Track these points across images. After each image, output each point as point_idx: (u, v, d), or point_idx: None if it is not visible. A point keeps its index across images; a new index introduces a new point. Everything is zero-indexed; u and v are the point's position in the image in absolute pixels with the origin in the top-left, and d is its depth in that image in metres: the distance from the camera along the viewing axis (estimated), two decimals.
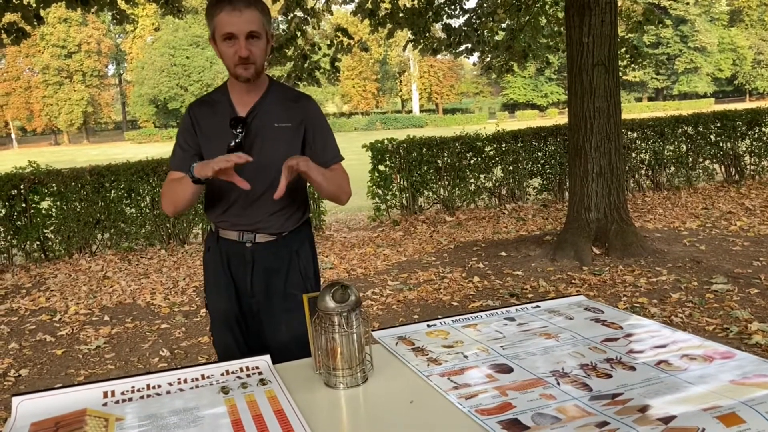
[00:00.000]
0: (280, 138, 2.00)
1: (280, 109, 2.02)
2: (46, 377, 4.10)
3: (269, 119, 2.00)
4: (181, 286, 6.04)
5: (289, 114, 2.02)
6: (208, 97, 2.11)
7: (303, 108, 2.05)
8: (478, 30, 8.99)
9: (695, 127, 9.76)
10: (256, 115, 1.99)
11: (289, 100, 2.06)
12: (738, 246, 5.91)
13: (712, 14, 52.73)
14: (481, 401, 1.30)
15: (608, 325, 1.73)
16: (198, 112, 2.07)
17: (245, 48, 1.86)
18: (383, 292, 5.38)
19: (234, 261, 2.04)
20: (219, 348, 2.16)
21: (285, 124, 2.00)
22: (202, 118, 2.05)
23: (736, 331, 3.85)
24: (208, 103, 2.08)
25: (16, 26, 6.48)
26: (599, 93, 5.77)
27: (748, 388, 1.27)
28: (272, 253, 2.04)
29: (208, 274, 2.14)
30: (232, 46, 1.87)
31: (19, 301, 5.94)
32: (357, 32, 22.28)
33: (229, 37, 1.86)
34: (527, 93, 57.33)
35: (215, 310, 2.12)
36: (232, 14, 1.83)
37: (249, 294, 2.05)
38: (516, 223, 8.02)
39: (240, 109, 2.00)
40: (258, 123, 1.99)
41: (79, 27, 51.02)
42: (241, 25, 1.84)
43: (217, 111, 2.03)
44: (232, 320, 2.06)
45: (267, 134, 1.98)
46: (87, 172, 7.67)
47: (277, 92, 2.05)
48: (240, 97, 2.01)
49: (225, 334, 2.10)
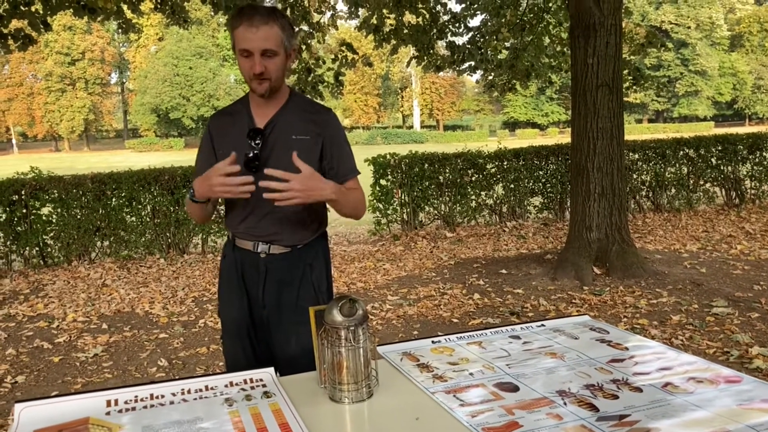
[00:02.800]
0: (297, 150, 1.96)
1: (298, 122, 2.01)
2: (43, 384, 4.07)
3: (287, 131, 1.98)
4: (180, 296, 6.02)
5: (307, 126, 2.00)
6: (229, 108, 2.12)
7: (322, 121, 2.03)
8: (482, 48, 9.06)
9: (696, 149, 9.78)
10: (274, 126, 1.99)
11: (309, 112, 2.04)
12: (738, 270, 5.91)
13: (713, 39, 53.12)
14: (488, 419, 1.29)
15: (614, 345, 1.73)
16: (216, 123, 2.08)
17: (259, 65, 1.86)
18: (383, 306, 5.37)
19: (248, 270, 2.04)
20: (228, 356, 2.15)
21: (303, 137, 1.98)
22: (219, 129, 2.06)
23: (737, 355, 3.84)
24: (228, 114, 2.09)
25: (23, 32, 6.52)
26: (603, 113, 5.80)
27: (755, 413, 1.27)
28: (286, 265, 2.03)
29: (222, 281, 2.14)
30: (248, 61, 1.88)
31: (17, 307, 5.91)
32: (360, 47, 22.41)
33: (245, 54, 1.87)
34: (528, 112, 57.54)
35: (227, 318, 2.11)
36: (249, 30, 1.84)
37: (260, 305, 2.04)
38: (516, 240, 8.02)
39: (259, 121, 2.00)
40: (276, 135, 1.98)
41: (83, 35, 51.21)
42: (257, 42, 1.84)
43: (235, 122, 2.03)
44: (243, 329, 2.06)
45: (284, 146, 1.96)
46: (88, 179, 7.66)
47: (296, 104, 2.04)
48: (259, 108, 2.01)
49: (235, 342, 2.09)
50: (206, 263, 7.46)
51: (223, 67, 53.40)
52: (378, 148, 5.30)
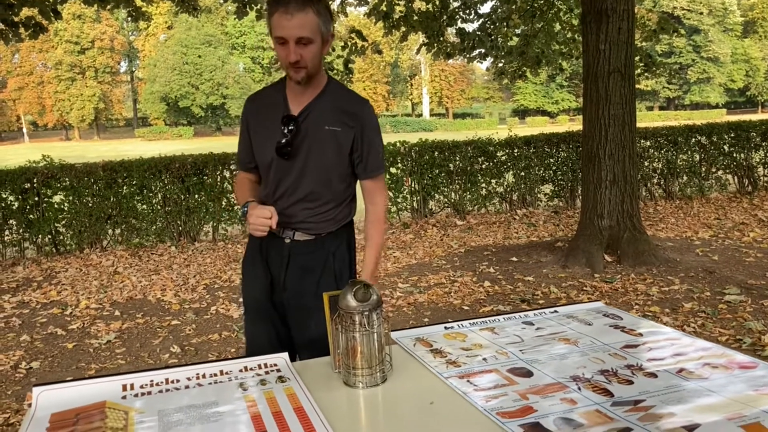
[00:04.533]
0: (329, 141, 1.96)
1: (333, 112, 1.97)
2: (57, 370, 4.11)
3: (321, 121, 1.96)
4: (192, 284, 6.05)
5: (341, 118, 1.97)
6: (264, 92, 2.11)
7: (357, 113, 2.00)
8: (492, 35, 8.99)
9: (709, 137, 9.71)
10: (308, 115, 1.96)
11: (345, 103, 2.00)
12: (751, 257, 5.87)
13: (726, 25, 52.52)
14: (502, 404, 1.29)
15: (627, 331, 1.72)
16: (252, 107, 2.08)
17: (294, 53, 1.83)
18: (393, 294, 5.37)
19: (272, 254, 2.04)
20: (248, 336, 2.16)
21: (335, 128, 1.96)
22: (255, 114, 2.06)
23: (750, 342, 3.82)
24: (264, 98, 2.08)
25: (34, 21, 6.54)
26: (615, 100, 5.75)
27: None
28: (309, 252, 2.03)
29: (246, 261, 2.14)
30: (284, 49, 1.85)
31: (30, 294, 5.96)
32: (370, 35, 22.32)
33: (281, 41, 1.84)
34: (538, 99, 57.23)
35: (249, 298, 2.12)
36: (283, 17, 1.80)
37: (282, 288, 2.04)
38: (527, 228, 8.00)
39: (294, 108, 1.98)
40: (308, 124, 1.96)
41: (92, 23, 51.29)
42: (291, 30, 1.81)
43: (270, 107, 2.01)
44: (264, 311, 2.07)
45: (316, 136, 1.95)
46: (100, 168, 7.69)
47: (333, 94, 2.01)
48: (295, 94, 1.99)
49: (256, 323, 2.11)
50: (217, 251, 7.49)
51: (231, 56, 53.40)
52: (387, 137, 5.36)
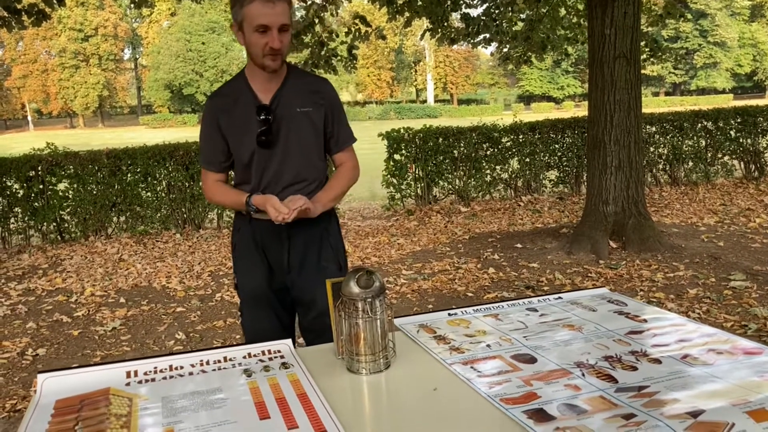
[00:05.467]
0: (303, 123, 2.03)
1: (300, 95, 2.05)
2: (63, 357, 4.14)
3: (291, 105, 2.02)
4: (197, 271, 6.07)
5: (309, 98, 2.05)
6: (227, 89, 2.11)
7: (322, 91, 2.09)
8: (497, 20, 8.92)
9: (715, 122, 9.64)
10: (279, 102, 2.01)
11: (308, 84, 2.09)
12: (757, 243, 5.85)
13: (733, 9, 52.03)
14: (506, 390, 1.29)
15: (632, 317, 1.71)
16: (218, 104, 2.07)
17: (278, 40, 1.87)
18: (398, 281, 5.38)
19: (268, 240, 2.06)
20: (246, 328, 2.17)
21: (306, 109, 2.04)
22: (224, 112, 2.05)
23: (755, 328, 3.81)
24: (228, 95, 2.08)
25: (37, 8, 6.51)
26: (620, 85, 5.71)
27: None
28: (307, 227, 2.07)
29: (238, 255, 2.15)
30: (264, 37, 1.87)
31: (36, 281, 5.99)
32: (374, 20, 22.17)
33: (262, 29, 1.86)
34: (543, 85, 56.93)
35: (246, 290, 2.13)
36: (266, 5, 1.83)
37: (285, 270, 2.07)
38: (532, 215, 7.98)
39: (262, 97, 2.02)
40: (281, 110, 2.01)
41: (96, 11, 51.18)
42: (275, 17, 1.85)
43: (238, 101, 2.03)
44: (263, 300, 2.08)
45: (291, 120, 2.02)
46: (104, 155, 7.70)
47: (296, 78, 2.08)
48: (261, 85, 2.02)
49: (255, 313, 2.12)
50: (222, 238, 7.50)
51: (235, 42, 53.14)
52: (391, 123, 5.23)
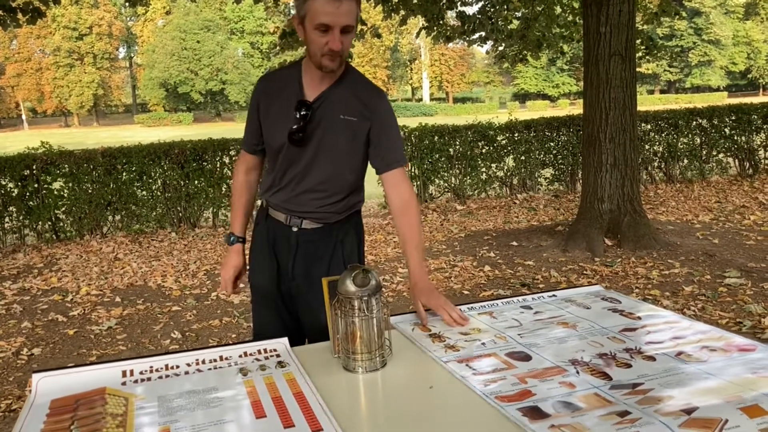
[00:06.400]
0: (342, 131, 1.90)
1: (349, 101, 1.91)
2: (59, 356, 4.13)
3: (336, 109, 1.90)
4: (192, 269, 6.06)
5: (357, 107, 1.91)
6: (278, 74, 2.03)
7: (373, 104, 1.94)
8: (493, 18, 8.92)
9: (710, 119, 9.67)
10: (323, 102, 1.90)
11: (361, 92, 1.94)
12: (752, 240, 5.87)
13: (727, 7, 52.16)
14: (501, 388, 1.30)
15: (626, 315, 1.72)
16: (265, 88, 1.99)
17: (338, 41, 1.75)
18: (394, 279, 5.38)
19: (279, 241, 2.00)
20: (256, 322, 2.15)
21: (351, 118, 1.90)
22: (267, 97, 1.97)
23: (750, 325, 3.83)
24: (278, 81, 1.99)
25: (32, 6, 6.49)
26: (615, 83, 5.73)
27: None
28: (317, 239, 1.98)
29: (254, 248, 2.10)
30: (324, 36, 1.76)
31: (31, 280, 5.98)
32: (369, 18, 22.19)
33: (323, 29, 1.75)
34: (538, 83, 56.98)
35: (256, 285, 2.09)
36: (331, 4, 1.71)
37: (290, 276, 2.00)
38: (527, 213, 8.00)
39: (309, 94, 1.90)
40: (323, 112, 1.89)
41: (90, 9, 50.99)
42: (339, 17, 1.72)
43: (284, 91, 1.94)
44: (271, 298, 2.04)
45: (330, 125, 1.89)
46: (99, 154, 7.68)
47: (350, 82, 1.94)
48: (312, 80, 1.91)
49: (264, 310, 2.09)
50: (217, 237, 7.50)
51: (230, 41, 53.09)
52: None
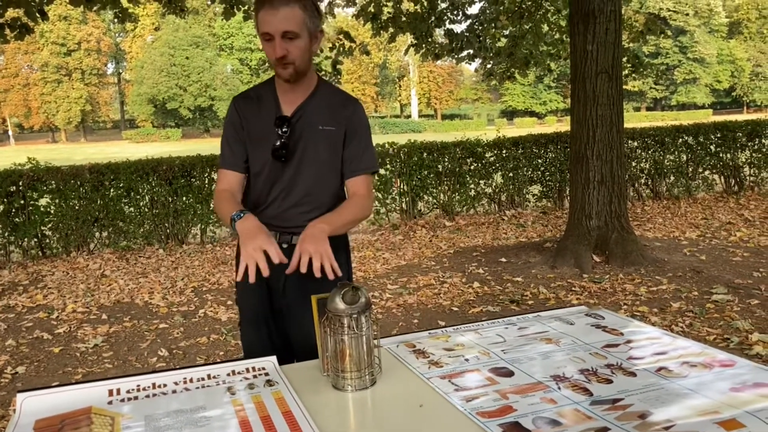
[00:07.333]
0: (322, 141, 1.95)
1: (326, 111, 1.97)
2: (44, 375, 4.09)
3: (314, 121, 1.95)
4: (180, 286, 6.03)
5: (335, 117, 1.96)
6: (254, 92, 2.05)
7: (348, 111, 1.99)
8: (481, 36, 9.03)
9: (696, 137, 9.79)
10: (301, 115, 1.94)
11: (337, 102, 2.00)
12: (738, 257, 5.93)
13: (712, 26, 52.95)
14: (482, 404, 1.31)
15: (609, 331, 1.74)
16: (244, 107, 2.01)
17: (280, 48, 1.81)
18: (383, 295, 5.39)
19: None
20: (245, 343, 2.12)
21: (329, 128, 1.95)
22: (248, 115, 2.00)
23: (737, 341, 3.86)
24: (253, 99, 2.02)
25: (20, 22, 6.48)
26: (602, 101, 5.80)
27: (748, 396, 1.28)
28: None
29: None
30: (270, 45, 1.83)
31: (16, 298, 5.93)
32: (358, 36, 22.30)
33: (267, 37, 1.82)
34: (526, 100, 57.46)
35: (245, 306, 2.08)
36: (269, 12, 1.79)
37: (280, 294, 1.99)
38: (516, 229, 8.04)
39: (286, 108, 1.95)
40: (302, 124, 1.94)
41: (79, 25, 50.94)
42: (276, 24, 1.79)
43: (262, 108, 1.98)
44: (261, 317, 2.02)
45: (310, 136, 1.94)
46: (86, 170, 7.65)
47: (324, 93, 2.00)
48: (286, 95, 1.96)
49: (253, 330, 2.06)
50: (205, 253, 7.47)
51: (219, 57, 53.17)
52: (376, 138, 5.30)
